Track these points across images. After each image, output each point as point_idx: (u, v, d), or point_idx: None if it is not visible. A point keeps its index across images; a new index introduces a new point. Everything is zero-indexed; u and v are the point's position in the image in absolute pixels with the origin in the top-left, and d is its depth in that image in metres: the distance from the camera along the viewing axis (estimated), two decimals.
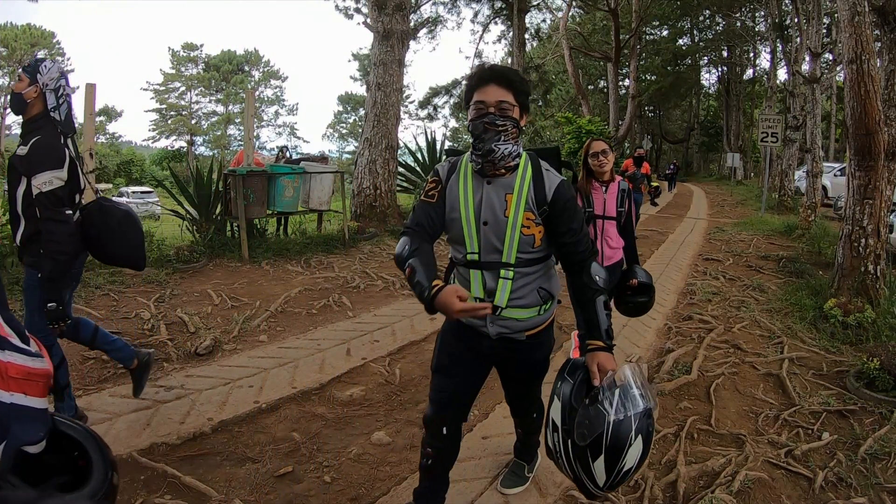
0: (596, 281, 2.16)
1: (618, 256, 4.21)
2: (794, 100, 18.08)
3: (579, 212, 2.18)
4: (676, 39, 42.14)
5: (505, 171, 2.14)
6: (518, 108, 2.12)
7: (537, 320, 2.28)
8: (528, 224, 2.12)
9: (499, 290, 2.18)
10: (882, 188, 5.93)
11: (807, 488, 3.06)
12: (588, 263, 2.18)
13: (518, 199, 2.12)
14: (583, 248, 2.18)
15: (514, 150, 2.12)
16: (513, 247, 2.14)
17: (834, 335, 5.42)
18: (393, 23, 11.08)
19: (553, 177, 2.16)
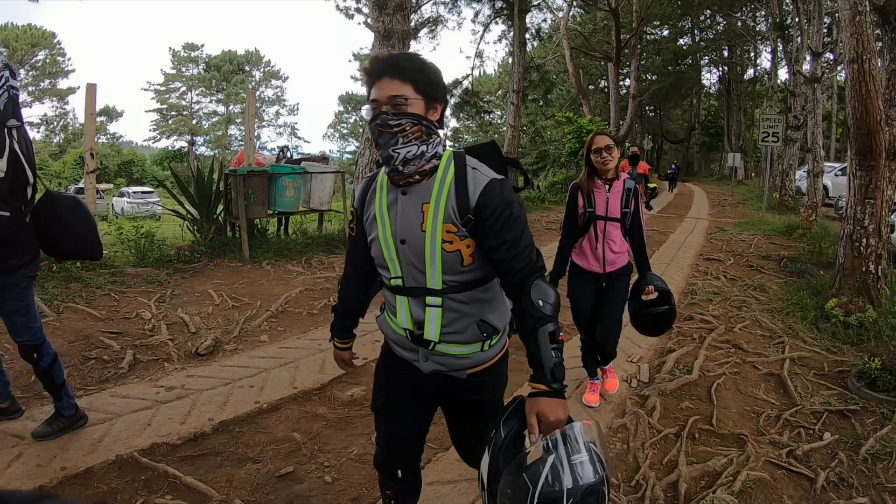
0: (538, 306, 1.69)
1: (622, 261, 3.84)
2: (794, 99, 18.07)
3: (517, 220, 1.75)
4: (677, 39, 42.17)
5: (420, 178, 1.76)
6: (423, 101, 1.74)
7: (480, 357, 1.90)
8: (451, 238, 1.74)
9: (427, 322, 1.82)
10: (883, 188, 5.93)
11: (808, 488, 3.06)
12: (529, 284, 1.73)
13: (435, 208, 1.74)
14: (521, 265, 1.75)
15: (425, 152, 1.74)
16: (436, 268, 1.77)
17: (835, 335, 5.41)
18: (394, 23, 11.07)
19: (480, 177, 1.75)
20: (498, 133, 38.77)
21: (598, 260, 3.79)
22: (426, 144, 1.74)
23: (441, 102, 1.81)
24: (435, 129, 1.79)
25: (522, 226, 1.79)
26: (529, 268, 1.76)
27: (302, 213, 9.65)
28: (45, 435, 3.19)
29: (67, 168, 45.41)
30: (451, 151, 1.83)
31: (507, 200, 1.74)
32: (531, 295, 1.71)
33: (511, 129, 17.89)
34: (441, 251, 1.75)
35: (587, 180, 3.81)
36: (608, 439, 3.54)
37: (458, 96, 26.02)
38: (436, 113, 1.79)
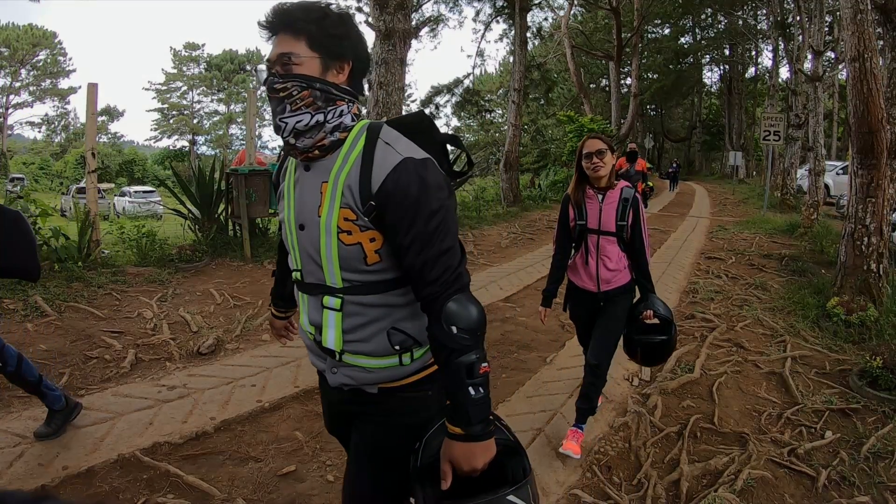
0: (452, 334, 1.37)
1: (619, 280, 3.36)
2: (796, 98, 18.05)
3: (435, 214, 1.40)
4: (678, 38, 42.12)
5: (319, 152, 1.48)
6: (318, 59, 1.44)
7: (396, 373, 1.53)
8: (349, 227, 1.43)
9: (324, 326, 1.52)
10: (885, 186, 5.92)
11: (810, 487, 3.06)
12: (441, 304, 1.40)
13: (333, 189, 1.44)
14: (434, 278, 1.40)
15: (322, 122, 1.45)
16: (332, 262, 1.46)
17: (837, 334, 5.41)
18: (395, 22, 11.06)
19: (391, 155, 1.41)
20: (499, 132, 38.70)
21: (592, 278, 3.37)
22: (323, 113, 1.45)
23: (348, 60, 1.49)
24: (338, 94, 1.47)
25: (442, 224, 1.41)
26: (443, 283, 1.40)
27: None
28: (46, 435, 3.19)
29: (69, 168, 45.54)
30: (365, 123, 1.51)
31: (423, 187, 1.39)
32: (443, 319, 1.38)
33: (512, 128, 17.86)
34: (337, 242, 1.44)
35: (576, 189, 3.39)
36: (610, 438, 3.55)
37: (459, 95, 26.03)
38: (340, 74, 1.49)
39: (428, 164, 1.44)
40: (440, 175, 1.47)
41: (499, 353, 4.99)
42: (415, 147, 1.47)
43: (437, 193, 1.42)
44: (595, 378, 3.34)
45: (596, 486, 3.05)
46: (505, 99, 31.27)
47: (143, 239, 7.48)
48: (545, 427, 3.65)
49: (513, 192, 17.30)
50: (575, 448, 3.28)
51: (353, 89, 1.53)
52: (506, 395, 4.15)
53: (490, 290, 7.18)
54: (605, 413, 3.88)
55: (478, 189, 19.52)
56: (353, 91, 1.53)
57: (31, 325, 4.73)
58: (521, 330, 5.64)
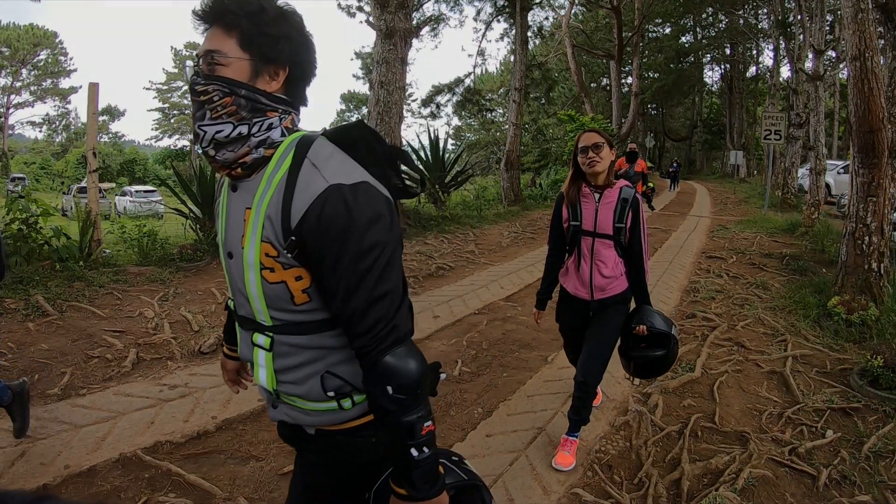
0: (387, 395, 1.20)
1: (615, 288, 3.11)
2: (797, 97, 18.03)
3: (367, 254, 1.19)
4: (679, 37, 42.10)
5: (242, 170, 1.28)
6: (248, 62, 1.24)
7: (335, 417, 1.36)
8: (271, 265, 1.24)
9: (255, 364, 1.36)
10: (886, 186, 5.92)
11: (811, 486, 3.06)
12: (373, 361, 1.22)
13: (255, 218, 1.25)
14: (364, 329, 1.21)
15: (246, 134, 1.25)
16: (259, 299, 1.29)
17: (837, 333, 5.41)
18: (395, 21, 11.07)
19: (316, 180, 1.19)
20: (500, 131, 38.70)
21: (585, 284, 3.14)
22: (247, 124, 1.25)
23: (284, 66, 1.29)
24: (267, 104, 1.28)
25: (375, 266, 1.20)
26: (375, 336, 1.21)
27: None
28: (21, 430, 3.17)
29: (70, 167, 45.55)
30: (295, 137, 1.29)
31: (351, 221, 1.18)
32: (376, 377, 1.22)
33: (513, 128, 17.87)
34: (261, 279, 1.26)
35: (571, 186, 3.14)
36: (611, 437, 3.55)
37: (460, 94, 26.05)
38: (274, 81, 1.29)
39: (360, 191, 1.20)
40: (379, 203, 1.23)
41: (500, 353, 5.00)
42: (350, 167, 1.24)
43: (371, 228, 1.20)
44: (584, 394, 3.15)
45: (597, 485, 3.06)
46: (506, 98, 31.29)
47: (144, 238, 7.48)
48: (546, 426, 3.65)
49: (514, 192, 17.30)
50: (567, 460, 3.19)
51: (292, 98, 1.34)
52: (507, 395, 4.16)
53: (491, 290, 7.19)
54: (605, 412, 3.88)
55: (479, 188, 19.51)
56: (288, 101, 1.33)
57: (32, 325, 4.74)
58: (521, 329, 5.64)
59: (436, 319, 5.86)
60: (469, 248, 10.13)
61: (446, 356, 4.89)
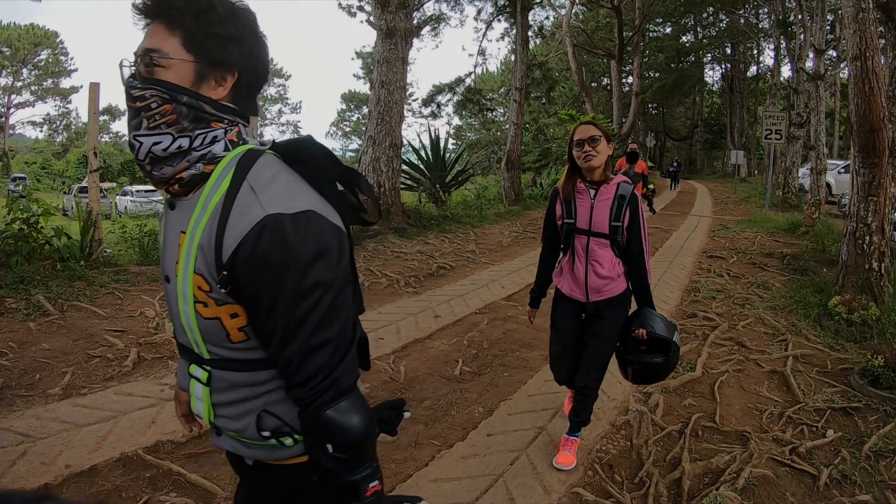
0: (326, 453, 1.09)
1: (612, 290, 2.95)
2: (797, 97, 18.04)
3: (306, 296, 1.06)
4: (680, 36, 42.10)
5: (180, 188, 1.14)
6: (192, 64, 1.10)
7: (275, 453, 1.24)
8: (204, 299, 1.11)
9: (192, 397, 1.26)
10: (886, 185, 5.92)
11: (811, 486, 3.06)
12: (312, 415, 1.10)
13: (188, 246, 1.11)
14: (300, 382, 1.09)
15: (186, 148, 1.11)
16: (194, 332, 1.17)
17: (838, 332, 5.41)
18: (396, 20, 11.08)
19: (252, 209, 1.04)
20: (500, 130, 38.68)
21: (579, 285, 2.98)
22: (188, 136, 1.10)
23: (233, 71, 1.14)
24: (212, 113, 1.13)
25: (316, 309, 1.07)
26: (313, 389, 1.08)
27: None
28: None
29: (70, 167, 45.58)
30: (241, 151, 1.14)
31: (291, 258, 1.03)
32: (317, 432, 1.10)
33: (514, 127, 17.86)
34: (195, 313, 1.13)
35: (566, 182, 2.97)
36: (611, 436, 3.55)
37: (460, 94, 26.04)
38: (220, 87, 1.14)
39: (303, 222, 1.05)
40: (325, 235, 1.08)
41: (500, 352, 5.00)
42: (295, 192, 1.09)
43: (314, 265, 1.05)
44: (584, 398, 3.13)
45: (598, 485, 3.06)
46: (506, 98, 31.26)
47: (145, 238, 7.49)
48: (547, 425, 3.66)
49: (514, 191, 17.30)
50: (568, 459, 3.17)
51: (240, 107, 1.19)
52: (508, 394, 4.16)
53: (492, 289, 7.19)
54: (606, 412, 3.88)
55: (479, 188, 19.52)
56: (236, 110, 1.18)
57: (33, 325, 4.74)
58: (522, 328, 5.64)
59: (437, 319, 5.86)
60: (470, 248, 10.14)
61: (447, 355, 4.90)
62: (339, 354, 1.11)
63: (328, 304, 1.08)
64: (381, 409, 1.43)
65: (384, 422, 1.42)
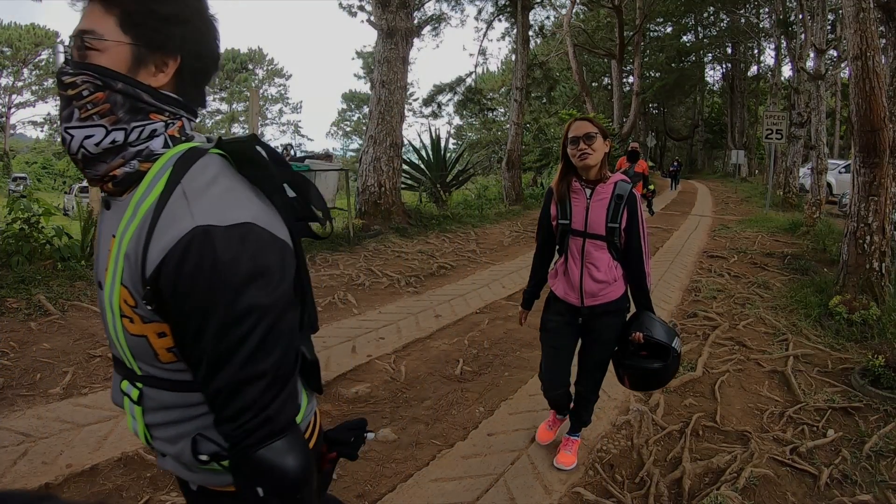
0: (257, 497, 0.97)
1: (608, 295, 2.80)
2: (798, 97, 18.03)
3: (228, 327, 0.92)
4: (680, 36, 42.03)
5: (114, 187, 1.02)
6: (129, 47, 0.97)
7: (217, 479, 1.11)
8: (131, 315, 0.99)
9: (126, 413, 1.14)
10: (887, 185, 5.92)
11: (812, 485, 3.06)
12: (241, 454, 0.97)
13: (116, 254, 0.99)
14: (228, 417, 0.96)
15: (121, 142, 0.98)
16: (123, 347, 1.06)
17: (839, 332, 5.41)
18: (397, 20, 11.08)
19: (181, 219, 0.92)
20: (501, 130, 38.67)
21: (574, 289, 2.83)
22: (123, 129, 0.98)
23: (175, 55, 1.02)
24: (151, 103, 1.01)
25: (249, 338, 0.93)
26: (242, 427, 0.95)
27: None
28: None
29: (71, 167, 45.54)
30: (182, 150, 1.01)
31: (219, 279, 0.90)
32: (246, 473, 0.97)
33: (514, 127, 17.86)
34: (122, 328, 1.02)
35: (560, 181, 2.83)
36: (612, 436, 3.55)
37: (461, 94, 26.04)
38: (161, 73, 1.02)
39: (238, 237, 0.92)
40: (265, 252, 0.96)
41: (501, 352, 5.00)
42: (234, 200, 0.96)
43: (249, 287, 0.92)
44: (585, 401, 3.12)
45: (598, 484, 3.06)
46: (507, 97, 31.27)
47: None
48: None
49: (515, 191, 17.30)
50: (569, 459, 3.17)
51: (184, 98, 1.06)
52: (508, 394, 4.16)
53: (492, 289, 7.19)
54: (607, 411, 3.88)
55: (480, 187, 19.52)
56: (180, 102, 1.05)
57: (34, 324, 4.75)
58: (523, 328, 5.62)
59: (437, 319, 5.86)
60: (470, 248, 10.14)
61: (448, 355, 4.90)
62: (275, 389, 0.98)
63: (263, 332, 0.94)
64: (339, 430, 1.34)
65: (343, 444, 1.32)
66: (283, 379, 0.99)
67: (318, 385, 1.26)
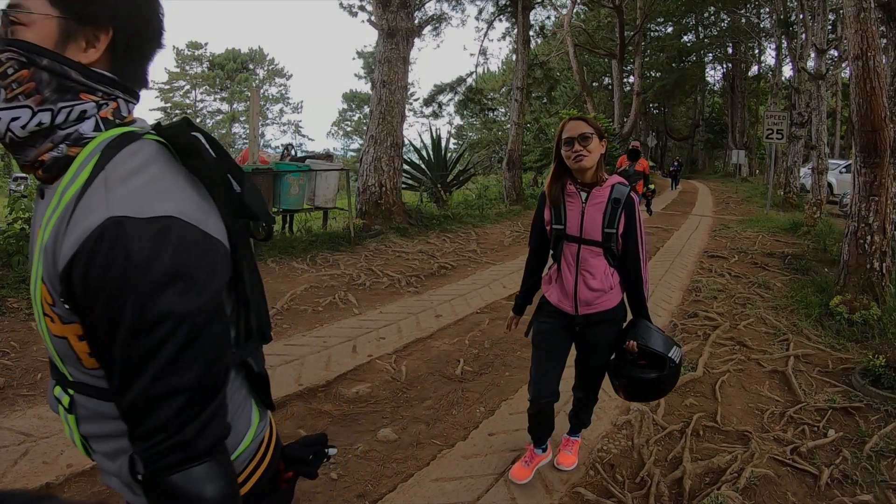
0: None
1: (604, 303, 2.65)
2: (799, 97, 18.02)
3: (139, 334, 0.81)
4: (681, 36, 42.05)
5: (43, 173, 0.93)
6: (57, 22, 0.89)
7: None
8: (51, 314, 0.90)
9: (63, 421, 1.04)
10: (888, 185, 5.92)
11: (812, 485, 3.06)
12: (153, 477, 0.86)
13: (40, 245, 0.90)
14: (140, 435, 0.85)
15: (48, 124, 0.90)
16: (51, 347, 0.97)
17: (839, 332, 5.41)
18: (397, 20, 11.08)
19: (96, 209, 0.82)
20: (502, 130, 38.68)
21: (568, 297, 2.68)
22: (50, 110, 0.90)
23: (107, 28, 0.93)
24: (80, 82, 0.92)
25: (164, 348, 0.82)
26: (153, 448, 0.84)
27: (306, 211, 9.69)
28: None
29: None
30: (114, 134, 0.92)
31: (133, 277, 0.80)
32: (157, 499, 0.87)
33: (515, 127, 17.85)
34: (47, 329, 0.93)
35: (554, 184, 2.67)
36: (613, 436, 3.55)
37: (462, 93, 26.04)
38: (91, 49, 0.92)
39: (156, 232, 0.82)
40: (190, 251, 0.85)
41: (502, 352, 5.00)
42: (162, 190, 0.87)
43: (166, 290, 0.81)
44: (584, 405, 3.05)
45: (599, 484, 3.06)
46: (507, 97, 31.30)
47: None
48: None
49: (515, 191, 17.30)
50: (569, 459, 3.17)
51: (120, 78, 0.96)
52: (509, 393, 4.16)
53: (493, 289, 7.19)
54: (607, 411, 3.88)
55: (481, 187, 19.53)
56: (115, 81, 0.95)
57: (34, 324, 4.74)
58: (524, 328, 5.63)
59: (438, 318, 5.86)
60: (471, 248, 10.14)
61: (448, 355, 4.90)
62: (195, 408, 0.86)
63: (181, 343, 0.83)
64: (296, 447, 1.27)
65: (300, 462, 1.24)
66: (204, 397, 0.87)
67: (268, 401, 1.17)
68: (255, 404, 1.13)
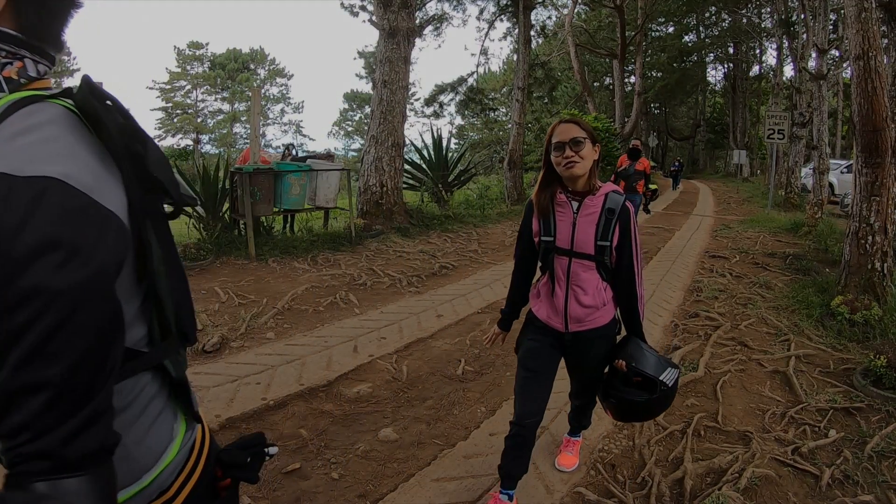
0: None
1: (596, 320, 2.45)
2: (800, 96, 18.00)
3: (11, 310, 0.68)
4: (682, 36, 41.99)
5: None
6: None
7: None
8: None
9: None
10: (889, 185, 5.91)
11: (813, 486, 3.06)
12: (18, 482, 0.70)
13: None
14: (3, 432, 0.71)
15: None
16: None
17: (841, 332, 5.41)
18: (399, 20, 11.09)
19: None
20: (503, 130, 38.68)
21: (558, 313, 2.48)
22: None
23: None
24: None
25: (31, 329, 0.69)
26: (15, 449, 0.70)
27: (307, 211, 9.68)
28: None
29: None
30: (19, 96, 0.82)
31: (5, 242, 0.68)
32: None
33: (516, 127, 17.85)
34: None
35: (542, 192, 2.43)
36: (613, 436, 3.56)
37: (463, 93, 26.02)
38: None
39: (32, 195, 0.70)
40: (71, 219, 0.72)
41: (503, 352, 5.00)
42: (53, 152, 0.76)
43: (36, 262, 0.69)
44: (582, 410, 3.01)
45: (600, 484, 3.06)
46: (509, 97, 31.28)
47: None
48: (549, 425, 3.66)
49: (516, 191, 17.29)
50: (570, 460, 3.17)
51: (26, 35, 0.86)
52: (510, 393, 4.16)
53: (494, 289, 7.19)
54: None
55: (482, 187, 19.51)
56: (20, 39, 0.85)
57: None
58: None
59: (439, 318, 5.87)
60: (472, 247, 10.14)
61: (449, 355, 4.90)
62: (63, 408, 0.71)
63: (51, 327, 0.69)
64: (230, 451, 1.15)
65: (238, 467, 1.13)
66: (75, 396, 0.72)
67: (190, 410, 1.06)
68: (181, 412, 1.04)
